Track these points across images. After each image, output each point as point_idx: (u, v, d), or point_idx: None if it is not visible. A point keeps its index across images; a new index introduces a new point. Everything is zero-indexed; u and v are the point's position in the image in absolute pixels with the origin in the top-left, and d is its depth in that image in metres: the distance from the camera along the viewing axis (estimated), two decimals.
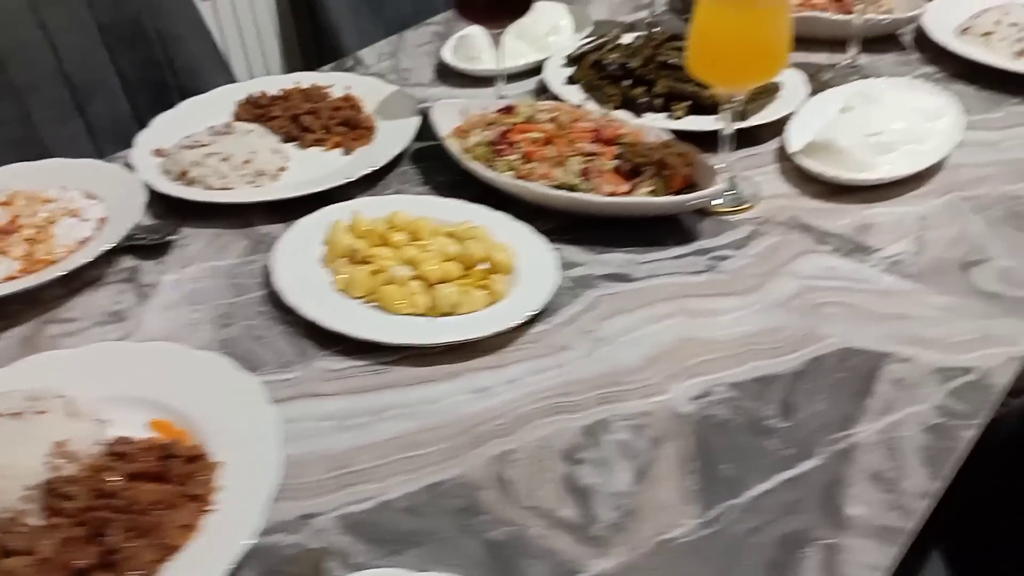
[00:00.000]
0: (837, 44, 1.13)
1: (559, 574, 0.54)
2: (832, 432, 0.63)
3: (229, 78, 1.36)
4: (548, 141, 0.88)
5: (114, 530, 0.53)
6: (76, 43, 1.34)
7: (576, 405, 0.66)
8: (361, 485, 0.60)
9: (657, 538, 0.56)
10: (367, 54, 1.28)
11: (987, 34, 1.10)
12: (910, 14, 1.15)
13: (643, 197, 0.82)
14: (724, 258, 0.81)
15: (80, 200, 0.89)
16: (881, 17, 1.15)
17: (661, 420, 0.64)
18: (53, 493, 0.56)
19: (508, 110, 0.95)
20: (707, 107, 0.96)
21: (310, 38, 1.68)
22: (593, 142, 0.88)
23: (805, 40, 1.18)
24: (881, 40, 1.19)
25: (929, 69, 1.11)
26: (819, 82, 1.09)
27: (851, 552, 0.54)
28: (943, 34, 1.13)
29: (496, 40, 1.00)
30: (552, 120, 0.91)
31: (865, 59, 1.14)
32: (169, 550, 0.53)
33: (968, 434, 0.62)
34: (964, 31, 1.13)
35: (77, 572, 0.51)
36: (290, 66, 1.75)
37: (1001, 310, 0.72)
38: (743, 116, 0.97)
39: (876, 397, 0.65)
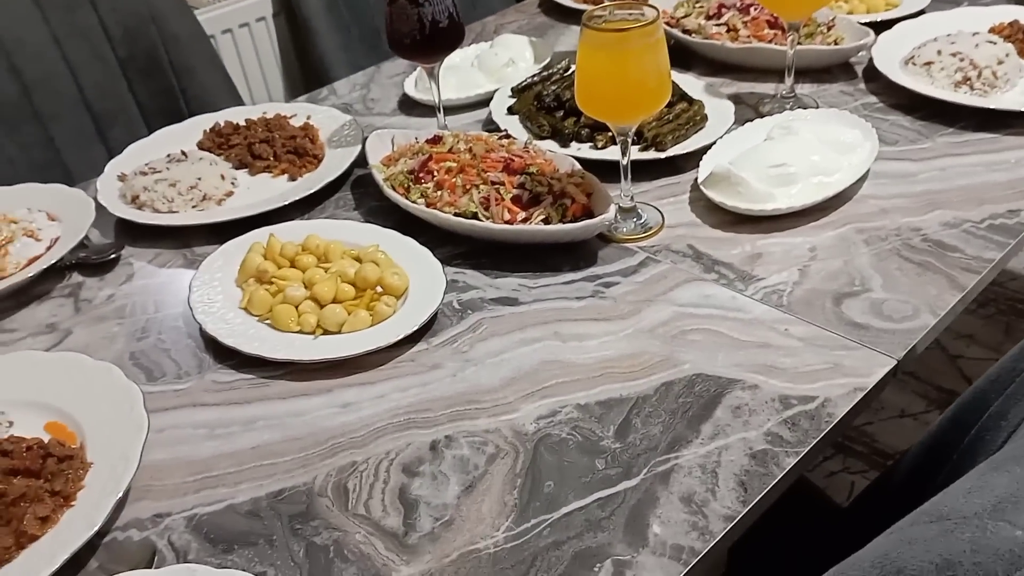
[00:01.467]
0: (783, 74, 1.15)
1: (367, 574, 0.58)
2: (658, 455, 0.65)
3: (239, 105, 1.45)
4: (461, 170, 0.93)
5: None
6: (97, 74, 1.46)
7: (429, 421, 0.71)
8: (214, 489, 0.66)
9: (464, 548, 0.60)
10: (342, 85, 1.35)
11: (928, 64, 1.10)
12: (852, 45, 1.15)
13: (533, 225, 0.86)
14: (611, 284, 0.84)
15: (41, 221, 0.98)
16: (818, 48, 1.16)
17: (503, 438, 0.68)
18: None
19: (436, 140, 1.01)
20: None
21: (310, 71, 1.78)
22: (501, 171, 0.92)
23: (750, 70, 1.21)
24: (830, 70, 1.20)
25: (871, 99, 1.12)
26: (759, 113, 1.11)
27: (641, 568, 0.57)
28: (889, 64, 1.14)
29: (433, 74, 1.06)
30: (468, 150, 0.96)
31: (810, 88, 1.16)
32: (27, 538, 0.60)
33: (789, 461, 0.64)
34: (908, 61, 1.13)
35: None
36: (293, 95, 1.85)
37: (862, 342, 0.74)
38: (662, 147, 1.01)
39: (711, 423, 0.67)
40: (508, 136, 1.03)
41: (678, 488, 0.62)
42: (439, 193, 0.91)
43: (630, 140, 0.87)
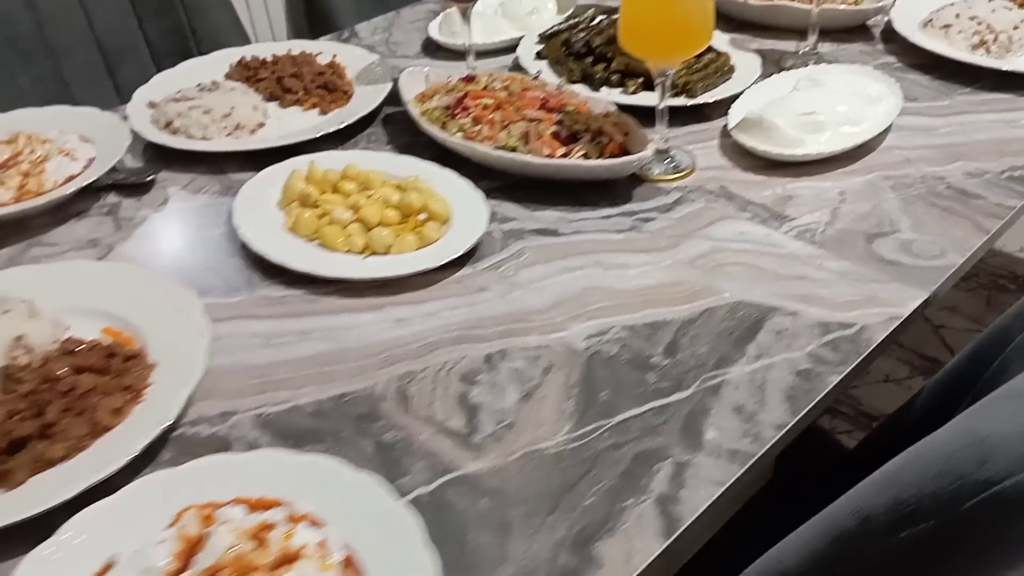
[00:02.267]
0: (804, 33, 1.18)
1: (436, 471, 0.61)
2: (707, 371, 0.68)
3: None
4: (498, 107, 0.95)
5: (53, 408, 0.61)
6: (110, 10, 1.45)
7: (481, 337, 0.73)
8: (277, 392, 0.68)
9: (528, 448, 0.63)
10: (363, 28, 1.36)
11: (947, 27, 1.14)
12: (873, 6, 1.19)
13: (575, 160, 0.89)
14: (648, 220, 0.87)
15: (74, 142, 0.98)
16: (841, 7, 1.19)
17: (554, 353, 0.71)
18: (7, 377, 0.65)
19: (469, 79, 1.02)
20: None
21: (318, 19, 1.77)
22: (539, 109, 0.94)
23: (772, 28, 1.24)
24: (850, 31, 1.23)
25: (890, 59, 1.15)
26: (781, 68, 1.14)
27: (698, 468, 0.60)
28: (907, 26, 1.17)
29: (466, 15, 1.07)
30: (505, 88, 0.98)
31: (829, 47, 1.19)
32: (100, 428, 0.62)
33: (832, 379, 0.67)
34: (927, 24, 1.17)
35: (17, 440, 0.60)
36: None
37: (893, 276, 0.77)
38: (692, 94, 1.03)
39: (755, 344, 0.71)
40: (540, 78, 1.05)
41: (728, 400, 0.66)
42: (478, 128, 0.93)
43: (669, 81, 0.89)
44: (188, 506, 0.55)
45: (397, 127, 1.05)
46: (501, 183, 0.92)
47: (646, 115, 0.95)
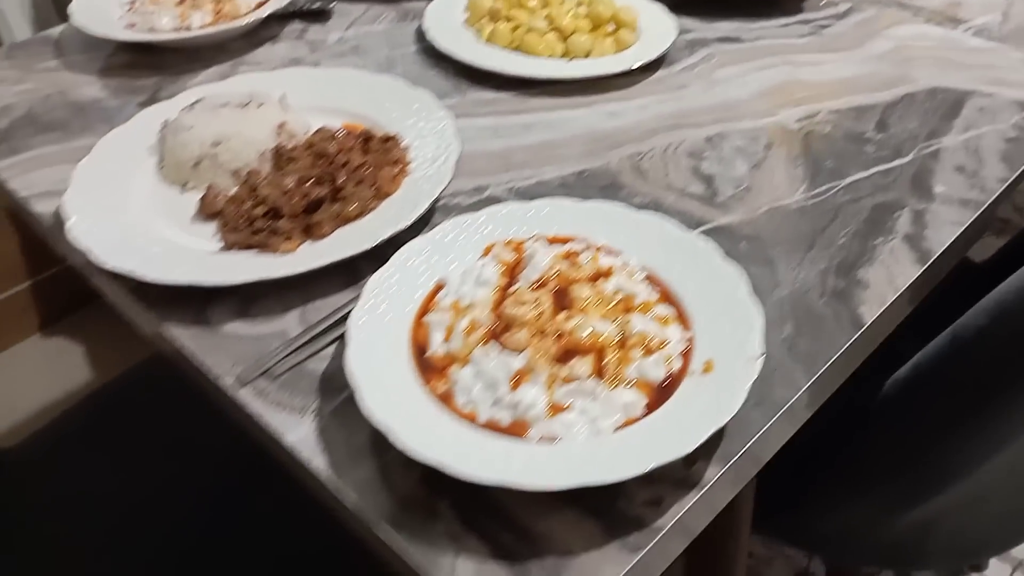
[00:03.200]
0: None
1: (691, 224, 0.66)
2: (921, 141, 0.73)
3: None
4: None
5: (341, 175, 0.67)
6: None
7: (696, 123, 0.78)
8: (520, 170, 0.73)
9: (770, 205, 0.68)
10: None
11: None
12: None
13: None
14: (826, 26, 0.90)
15: None
16: None
17: (771, 133, 0.76)
18: (281, 156, 0.70)
19: None
20: None
21: None
22: None
23: None
24: None
25: None
26: None
27: (936, 214, 0.66)
28: None
29: None
30: None
31: None
32: (382, 194, 0.67)
33: None
34: None
35: (314, 202, 0.65)
36: None
37: None
38: None
39: (961, 119, 0.75)
40: None
41: (948, 162, 0.71)
42: None
43: None
44: (493, 243, 0.61)
45: None
46: (672, 2, 0.96)
47: None
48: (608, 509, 0.48)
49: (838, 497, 0.78)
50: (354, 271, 0.63)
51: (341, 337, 0.58)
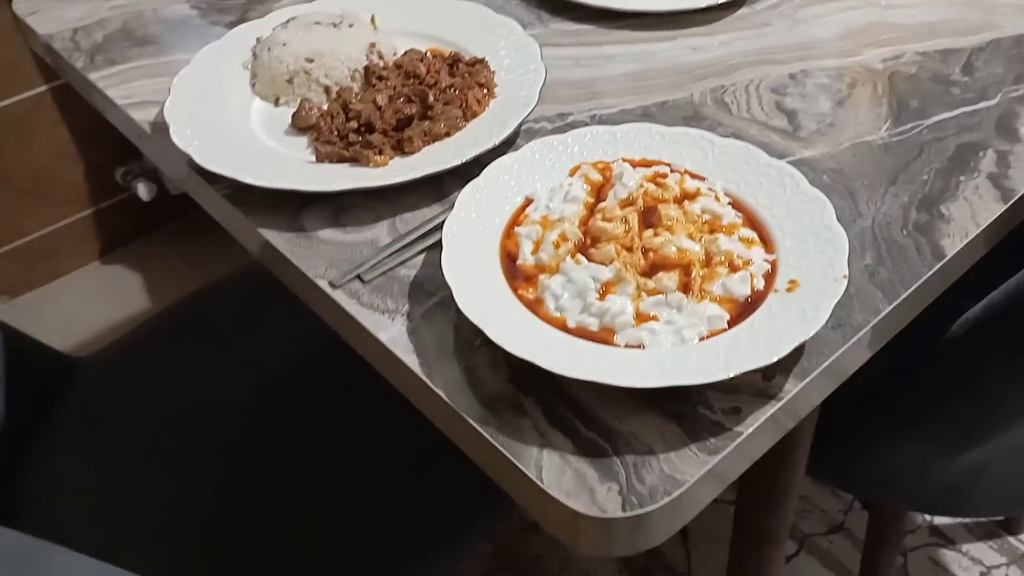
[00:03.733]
0: None
1: (773, 155, 0.67)
2: (1007, 86, 0.73)
3: None
4: None
5: (431, 95, 0.69)
6: None
7: (780, 60, 0.78)
8: (602, 99, 0.74)
9: (854, 139, 0.68)
10: None
11: None
12: None
13: None
14: None
15: None
16: None
17: (855, 72, 0.76)
18: (372, 74, 0.72)
19: None
20: None
21: None
22: None
23: None
24: None
25: None
26: None
27: (1020, 156, 0.66)
28: None
29: None
30: None
31: None
32: (469, 115, 0.69)
33: None
34: None
35: (404, 119, 0.67)
36: None
37: None
38: None
39: None
40: None
41: None
42: None
43: None
44: (579, 163, 0.62)
45: None
46: None
47: None
48: (689, 414, 0.50)
49: (894, 438, 0.79)
50: (441, 187, 0.66)
51: (429, 248, 0.61)
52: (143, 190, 1.69)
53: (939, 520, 1.29)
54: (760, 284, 0.54)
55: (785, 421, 0.52)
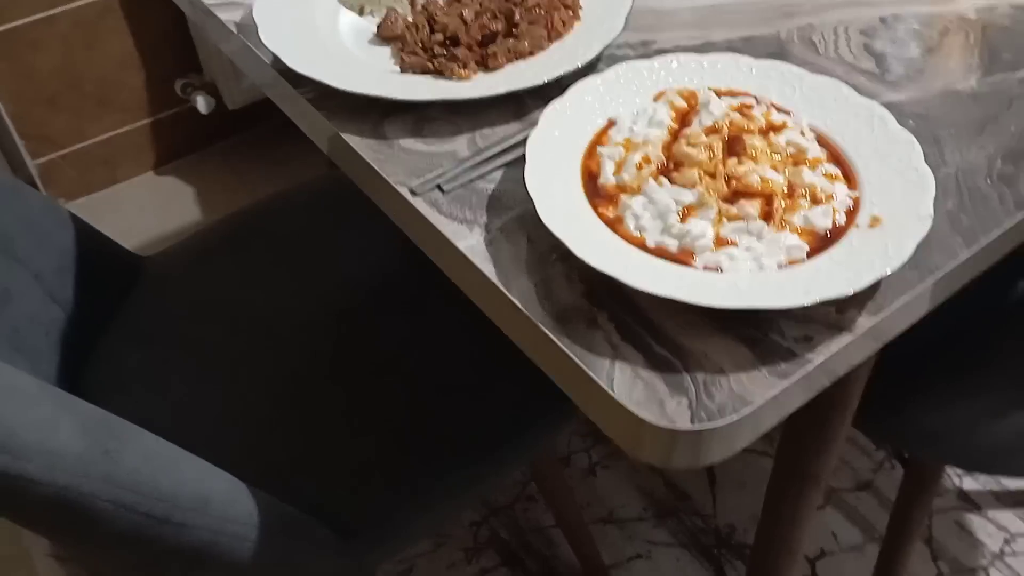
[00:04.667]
0: None
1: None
2: None
3: None
4: None
5: (517, 12, 0.69)
6: None
7: (871, 3, 0.76)
8: (687, 30, 0.74)
9: (942, 87, 0.67)
10: None
11: None
12: None
13: None
14: None
15: None
16: None
17: (948, 20, 0.74)
18: None
19: None
20: None
21: None
22: None
23: None
24: None
25: None
26: None
27: None
28: None
29: None
30: None
31: None
32: (554, 36, 0.69)
33: None
34: None
35: (488, 35, 0.68)
36: None
37: None
38: None
39: None
40: None
41: None
42: None
43: None
44: (664, 89, 0.62)
45: None
46: None
47: None
48: (761, 339, 0.51)
49: (948, 392, 0.79)
50: (521, 105, 0.66)
51: (508, 164, 0.62)
52: (202, 103, 1.70)
53: (968, 485, 1.30)
54: (842, 219, 0.54)
55: (855, 355, 0.53)
